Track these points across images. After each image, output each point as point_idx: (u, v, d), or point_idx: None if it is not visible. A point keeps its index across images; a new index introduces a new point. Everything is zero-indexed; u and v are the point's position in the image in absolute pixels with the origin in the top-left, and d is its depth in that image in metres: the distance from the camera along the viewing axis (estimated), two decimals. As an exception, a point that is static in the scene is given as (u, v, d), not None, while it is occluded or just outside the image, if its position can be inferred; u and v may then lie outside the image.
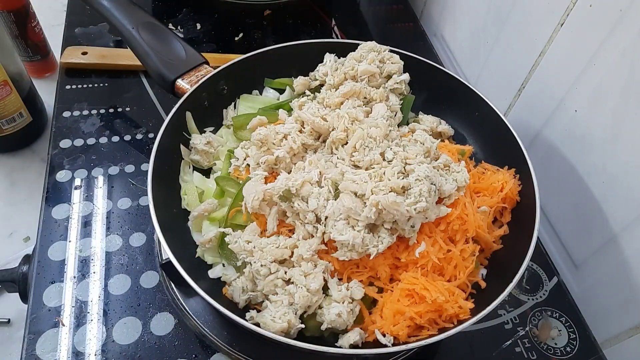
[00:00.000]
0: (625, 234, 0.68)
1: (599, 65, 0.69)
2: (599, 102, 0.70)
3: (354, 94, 0.74)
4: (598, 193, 0.72)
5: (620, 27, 0.64)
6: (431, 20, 1.20)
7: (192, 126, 0.73)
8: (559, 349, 0.71)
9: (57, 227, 0.75)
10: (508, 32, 0.89)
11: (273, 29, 1.16)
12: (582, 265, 0.78)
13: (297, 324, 0.56)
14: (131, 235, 0.75)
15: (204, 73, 0.75)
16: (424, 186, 0.58)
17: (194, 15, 1.15)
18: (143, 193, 0.80)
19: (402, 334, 0.57)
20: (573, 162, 0.76)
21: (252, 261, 0.59)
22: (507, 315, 0.74)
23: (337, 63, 0.79)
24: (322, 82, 0.79)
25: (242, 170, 0.69)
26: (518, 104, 0.88)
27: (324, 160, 0.64)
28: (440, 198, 0.63)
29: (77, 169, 0.82)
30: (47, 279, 0.69)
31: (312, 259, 0.59)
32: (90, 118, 0.90)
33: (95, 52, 0.99)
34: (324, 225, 0.59)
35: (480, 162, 0.75)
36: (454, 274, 0.62)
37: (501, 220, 0.69)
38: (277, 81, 0.83)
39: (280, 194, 0.60)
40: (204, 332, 0.65)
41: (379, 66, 0.77)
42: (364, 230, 0.57)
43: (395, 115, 0.74)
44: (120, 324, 0.66)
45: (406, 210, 0.57)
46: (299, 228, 0.61)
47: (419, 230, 0.61)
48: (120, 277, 0.70)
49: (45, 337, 0.64)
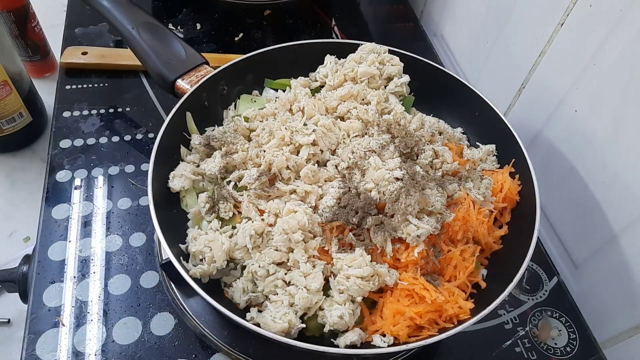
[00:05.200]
0: (625, 234, 0.68)
1: (599, 65, 0.69)
2: (599, 102, 0.70)
3: (351, 96, 0.74)
4: (598, 193, 0.72)
5: (620, 27, 0.64)
6: (431, 20, 1.20)
7: (192, 126, 0.73)
8: (559, 349, 0.71)
9: (57, 227, 0.75)
10: (508, 32, 0.89)
11: (273, 29, 1.16)
12: (582, 265, 0.78)
13: (298, 324, 0.56)
14: (131, 235, 0.75)
15: (204, 73, 0.75)
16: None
17: (194, 15, 1.15)
18: (143, 193, 0.80)
19: (402, 334, 0.57)
20: (573, 162, 0.76)
21: (250, 263, 0.59)
22: (507, 315, 0.74)
23: (337, 65, 0.79)
24: (322, 83, 0.79)
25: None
26: (518, 104, 0.88)
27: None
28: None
29: (77, 169, 0.82)
30: (47, 279, 0.69)
31: (310, 260, 0.59)
32: (90, 118, 0.90)
33: (95, 52, 0.99)
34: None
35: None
36: (454, 274, 0.62)
37: (501, 220, 0.69)
38: (277, 81, 0.83)
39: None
40: (204, 332, 0.65)
41: (379, 68, 0.77)
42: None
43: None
44: (120, 324, 0.66)
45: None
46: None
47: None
48: (120, 277, 0.70)
49: (45, 337, 0.64)
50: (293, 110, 0.74)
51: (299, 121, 0.70)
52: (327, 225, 0.61)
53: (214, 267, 0.59)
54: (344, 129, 0.70)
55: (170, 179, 0.67)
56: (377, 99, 0.73)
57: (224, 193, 0.65)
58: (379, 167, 0.65)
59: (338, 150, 0.69)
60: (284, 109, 0.74)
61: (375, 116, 0.72)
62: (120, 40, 1.04)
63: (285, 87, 0.81)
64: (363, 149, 0.67)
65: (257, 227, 0.60)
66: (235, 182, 0.66)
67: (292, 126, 0.68)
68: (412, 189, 0.61)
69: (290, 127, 0.68)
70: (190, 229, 0.65)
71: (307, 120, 0.71)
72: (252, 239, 0.59)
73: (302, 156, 0.66)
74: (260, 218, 0.62)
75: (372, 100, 0.73)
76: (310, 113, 0.71)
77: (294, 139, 0.67)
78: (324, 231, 0.61)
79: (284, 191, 0.64)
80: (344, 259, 0.58)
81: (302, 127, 0.67)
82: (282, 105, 0.74)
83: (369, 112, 0.71)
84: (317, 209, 0.63)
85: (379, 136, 0.69)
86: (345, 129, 0.70)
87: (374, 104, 0.73)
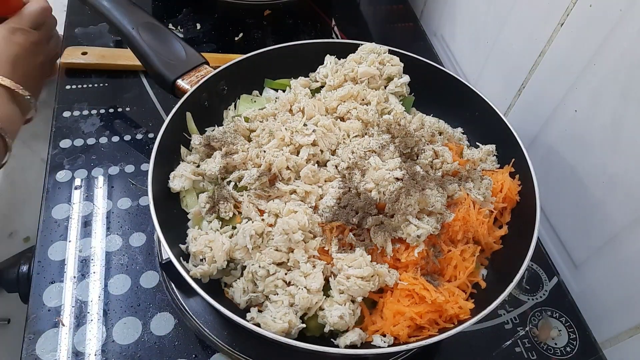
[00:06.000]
0: (625, 234, 0.68)
1: (599, 65, 0.69)
2: (599, 102, 0.70)
3: (351, 96, 0.74)
4: (598, 193, 0.72)
5: (620, 27, 0.64)
6: (431, 20, 1.20)
7: (192, 126, 0.73)
8: (559, 349, 0.71)
9: (57, 227, 0.75)
10: (508, 32, 0.89)
11: (273, 29, 1.16)
12: (582, 265, 0.78)
13: (298, 324, 0.56)
14: (131, 235, 0.75)
15: (204, 73, 0.75)
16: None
17: (194, 15, 1.15)
18: (143, 193, 0.80)
19: (403, 334, 0.57)
20: (573, 162, 0.76)
21: (250, 263, 0.59)
22: (507, 315, 0.74)
23: (337, 65, 0.79)
24: (322, 83, 0.79)
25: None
26: (518, 104, 0.88)
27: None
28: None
29: (77, 169, 0.82)
30: (47, 279, 0.69)
31: (311, 260, 0.59)
32: (90, 118, 0.90)
33: (95, 52, 0.99)
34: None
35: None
36: (454, 274, 0.62)
37: (501, 220, 0.69)
38: (277, 81, 0.83)
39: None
40: (204, 332, 0.65)
41: (379, 68, 0.77)
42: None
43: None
44: (120, 324, 0.66)
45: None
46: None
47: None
48: (120, 277, 0.70)
49: (45, 337, 0.64)
50: (293, 110, 0.74)
51: (299, 121, 0.70)
52: (327, 226, 0.61)
53: (215, 267, 0.59)
54: (344, 129, 0.70)
55: (170, 179, 0.67)
56: (377, 99, 0.73)
57: (224, 193, 0.65)
58: (379, 167, 0.65)
59: (338, 150, 0.69)
60: (284, 110, 0.74)
61: (375, 116, 0.72)
62: (120, 40, 1.04)
63: (285, 87, 0.81)
64: (363, 149, 0.67)
65: (257, 227, 0.60)
66: (236, 183, 0.66)
67: (292, 126, 0.68)
68: (412, 189, 0.61)
69: (290, 127, 0.68)
70: (190, 229, 0.65)
71: (307, 120, 0.71)
72: (252, 239, 0.59)
73: (302, 156, 0.66)
74: (261, 218, 0.62)
75: (372, 101, 0.73)
76: (310, 113, 0.71)
77: (294, 139, 0.67)
78: (324, 231, 0.61)
79: (284, 191, 0.64)
80: (344, 259, 0.58)
81: (302, 128, 0.67)
82: (282, 106, 0.74)
83: (369, 113, 0.71)
84: (317, 209, 0.63)
85: (379, 136, 0.69)
86: (345, 129, 0.70)
87: (374, 104, 0.73)
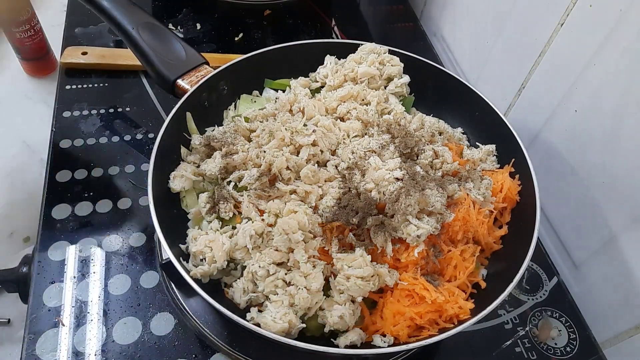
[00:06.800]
0: (625, 234, 0.68)
1: (599, 65, 0.69)
2: (599, 102, 0.70)
3: (351, 97, 0.74)
4: (598, 193, 0.72)
5: (620, 27, 0.64)
6: (431, 20, 1.20)
7: (192, 126, 0.73)
8: (559, 349, 0.71)
9: (57, 227, 0.75)
10: (508, 32, 0.89)
11: (273, 29, 1.16)
12: (582, 265, 0.78)
13: (298, 324, 0.56)
14: (131, 235, 0.75)
15: (204, 73, 0.75)
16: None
17: (194, 15, 1.15)
18: (143, 193, 0.80)
19: (403, 334, 0.57)
20: (573, 162, 0.76)
21: (250, 263, 0.59)
22: (507, 315, 0.74)
23: (337, 65, 0.79)
24: (322, 83, 0.79)
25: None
26: (518, 104, 0.88)
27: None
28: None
29: (77, 169, 0.82)
30: (47, 279, 0.69)
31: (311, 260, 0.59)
32: (90, 118, 0.90)
33: (95, 52, 0.99)
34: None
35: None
36: (454, 274, 0.62)
37: (501, 220, 0.69)
38: (277, 81, 0.83)
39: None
40: (204, 332, 0.65)
41: (379, 68, 0.77)
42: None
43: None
44: (120, 324, 0.66)
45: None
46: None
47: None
48: (120, 277, 0.70)
49: (45, 337, 0.64)
50: (293, 110, 0.74)
51: (299, 122, 0.70)
52: (327, 226, 0.61)
53: (215, 268, 0.59)
54: (344, 129, 0.70)
55: (170, 179, 0.67)
56: (377, 99, 0.74)
57: (224, 193, 0.65)
58: (379, 167, 0.65)
59: (338, 150, 0.69)
60: (284, 110, 0.74)
61: (375, 116, 0.72)
62: (120, 40, 1.03)
63: (285, 87, 0.81)
64: (363, 149, 0.67)
65: (257, 227, 0.60)
66: (236, 183, 0.66)
67: (292, 127, 0.68)
68: (412, 189, 0.61)
69: (290, 127, 0.68)
70: (190, 229, 0.65)
71: (307, 120, 0.71)
72: (252, 239, 0.59)
73: (302, 156, 0.66)
74: (261, 218, 0.62)
75: (372, 101, 0.74)
76: (310, 114, 0.71)
77: (294, 139, 0.67)
78: (324, 231, 0.61)
79: (284, 191, 0.64)
80: (344, 259, 0.58)
81: (302, 128, 0.67)
82: (282, 106, 0.74)
83: (369, 113, 0.71)
84: (317, 209, 0.63)
85: (379, 136, 0.69)
86: (345, 129, 0.70)
87: (374, 104, 0.73)
